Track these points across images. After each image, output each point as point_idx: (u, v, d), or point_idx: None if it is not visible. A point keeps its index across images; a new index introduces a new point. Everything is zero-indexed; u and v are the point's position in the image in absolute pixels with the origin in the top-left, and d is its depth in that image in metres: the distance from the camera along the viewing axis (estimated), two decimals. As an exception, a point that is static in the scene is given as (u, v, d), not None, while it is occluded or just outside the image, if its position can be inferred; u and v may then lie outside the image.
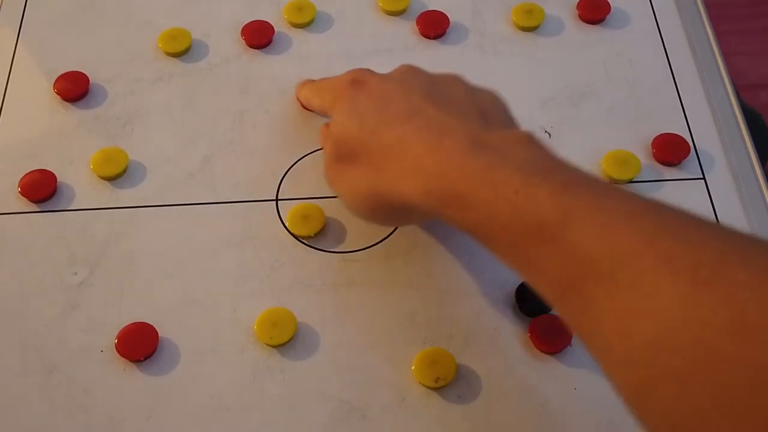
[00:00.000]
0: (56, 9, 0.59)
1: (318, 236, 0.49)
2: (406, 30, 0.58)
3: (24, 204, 0.50)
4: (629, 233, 0.31)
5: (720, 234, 0.31)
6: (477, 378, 0.44)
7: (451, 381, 0.43)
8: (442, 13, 0.58)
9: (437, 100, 0.41)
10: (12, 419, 0.43)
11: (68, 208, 0.50)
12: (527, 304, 0.45)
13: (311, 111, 0.52)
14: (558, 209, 0.33)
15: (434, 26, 0.57)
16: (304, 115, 0.54)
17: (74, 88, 0.54)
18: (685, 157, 0.51)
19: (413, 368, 0.44)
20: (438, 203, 0.37)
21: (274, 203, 0.50)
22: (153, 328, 0.45)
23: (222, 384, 0.44)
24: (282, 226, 0.49)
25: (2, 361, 0.44)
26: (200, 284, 0.47)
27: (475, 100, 0.42)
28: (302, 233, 0.48)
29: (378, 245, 0.48)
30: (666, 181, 0.51)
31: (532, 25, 0.58)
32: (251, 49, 0.57)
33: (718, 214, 0.49)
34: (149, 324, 0.45)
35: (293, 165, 0.52)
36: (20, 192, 0.50)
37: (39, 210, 0.50)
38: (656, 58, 0.56)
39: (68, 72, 0.55)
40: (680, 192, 0.50)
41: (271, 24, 0.57)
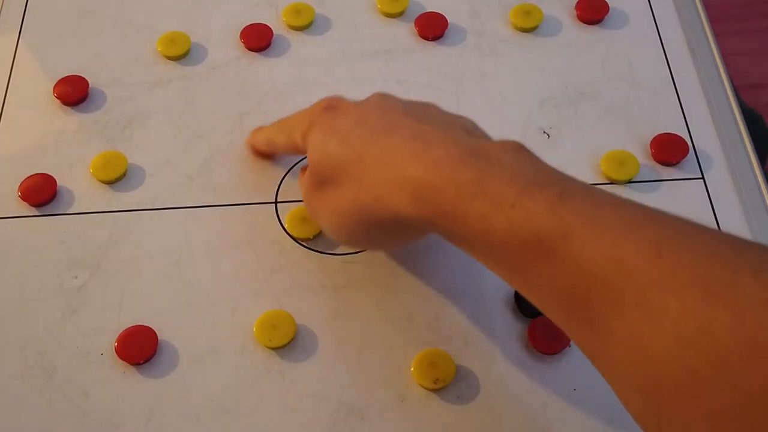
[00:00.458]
0: (56, 13, 0.59)
1: (317, 238, 0.49)
2: (405, 31, 0.58)
3: (24, 208, 0.50)
4: (633, 245, 0.30)
5: (726, 243, 0.30)
6: (476, 379, 0.44)
7: (451, 382, 0.43)
8: (441, 15, 0.58)
9: (418, 117, 0.40)
10: (12, 422, 0.43)
11: (68, 212, 0.50)
12: (526, 305, 0.45)
13: (266, 156, 0.51)
14: (557, 221, 0.32)
15: (433, 28, 0.57)
16: (303, 118, 0.54)
17: (74, 92, 0.54)
18: (684, 157, 0.51)
19: (412, 369, 0.44)
20: (429, 213, 0.36)
21: (274, 206, 0.50)
22: (153, 331, 0.45)
23: (221, 386, 0.44)
24: (281, 229, 0.49)
25: (2, 365, 0.44)
26: (200, 287, 0.47)
27: (455, 119, 0.41)
28: (301, 235, 0.49)
29: (377, 247, 0.48)
30: (665, 181, 0.51)
31: (531, 26, 0.58)
32: (250, 52, 0.57)
33: (717, 214, 0.49)
34: (149, 327, 0.45)
35: (292, 168, 0.52)
36: (20, 196, 0.50)
37: (39, 214, 0.50)
38: (655, 58, 0.56)
39: (68, 76, 0.55)
40: (679, 192, 0.50)
41: (270, 27, 0.57)
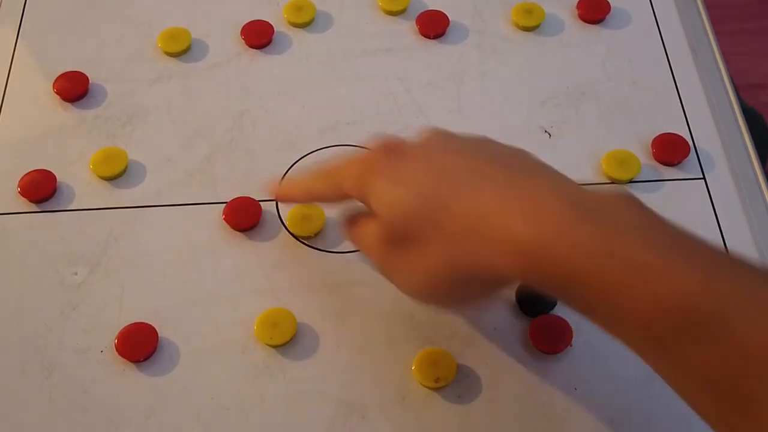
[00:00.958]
0: (56, 9, 0.59)
1: (318, 236, 0.48)
2: (406, 29, 0.58)
3: (24, 204, 0.50)
4: None
5: None
6: (477, 378, 0.44)
7: (451, 381, 0.43)
8: (442, 13, 0.58)
9: (496, 159, 0.36)
10: (12, 419, 0.43)
11: (68, 208, 0.50)
12: (527, 304, 0.45)
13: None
14: (712, 299, 0.29)
15: (434, 26, 0.57)
16: (305, 115, 0.54)
17: (74, 88, 0.54)
18: (685, 157, 0.51)
19: (413, 368, 0.44)
20: (541, 276, 0.33)
21: (275, 203, 0.50)
22: (153, 329, 0.45)
23: (222, 384, 0.44)
24: (282, 227, 0.49)
25: (2, 362, 0.44)
26: (200, 284, 0.47)
27: (526, 156, 0.37)
28: (302, 233, 0.48)
29: (378, 245, 0.48)
30: (666, 181, 0.51)
31: (532, 25, 0.57)
32: (251, 49, 0.57)
33: (718, 214, 0.49)
34: (149, 324, 0.45)
35: (293, 165, 0.52)
36: (20, 192, 0.50)
37: (39, 210, 0.50)
38: (656, 58, 0.56)
39: (68, 72, 0.55)
40: (680, 192, 0.50)
41: (271, 24, 0.57)
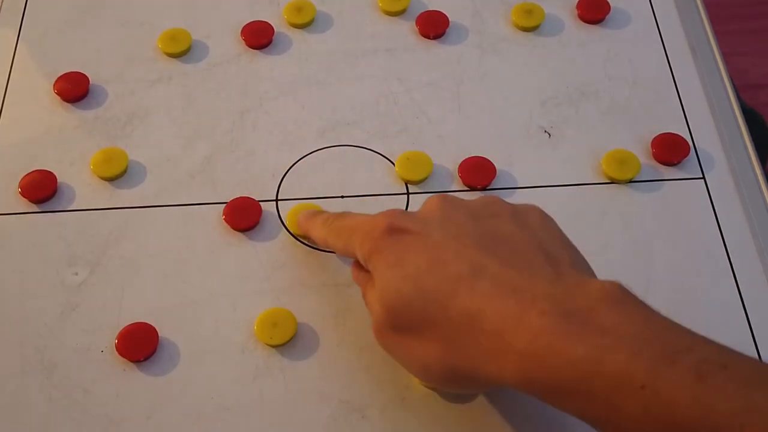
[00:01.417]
0: (56, 10, 0.59)
1: (318, 236, 0.49)
2: (406, 30, 0.58)
3: (24, 204, 0.50)
4: None
5: None
6: (477, 378, 0.44)
7: (451, 381, 0.43)
8: (442, 13, 0.58)
9: (495, 249, 0.36)
10: (12, 419, 0.43)
11: (68, 209, 0.50)
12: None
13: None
14: (702, 410, 0.29)
15: (434, 26, 0.57)
16: (305, 116, 0.54)
17: (74, 89, 0.54)
18: (685, 157, 0.51)
19: (413, 368, 0.44)
20: (539, 390, 0.34)
21: (274, 203, 0.50)
22: (153, 329, 0.45)
23: (222, 384, 0.44)
24: (282, 226, 0.49)
25: (2, 361, 0.44)
26: (200, 284, 0.47)
27: (530, 233, 0.38)
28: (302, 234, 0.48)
29: (378, 245, 0.48)
30: (666, 181, 0.51)
31: (532, 25, 0.58)
32: (251, 50, 0.57)
33: (718, 214, 0.49)
34: (149, 324, 0.45)
35: (293, 165, 0.52)
36: (20, 192, 0.50)
37: (39, 210, 0.50)
38: (656, 58, 0.56)
39: (68, 72, 0.55)
40: (680, 192, 0.50)
41: (271, 24, 0.57)
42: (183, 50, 0.56)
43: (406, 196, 0.50)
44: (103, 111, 0.54)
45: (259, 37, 0.57)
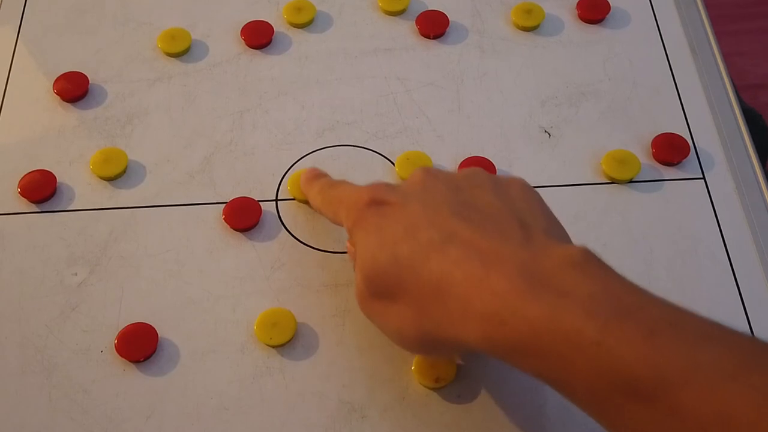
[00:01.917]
0: (56, 9, 0.59)
1: (318, 236, 0.48)
2: (406, 30, 0.58)
3: (24, 204, 0.50)
4: (739, 397, 0.28)
5: None
6: (477, 378, 0.44)
7: (451, 381, 0.43)
8: (442, 13, 0.58)
9: (469, 216, 0.37)
10: (12, 419, 0.42)
11: (68, 209, 0.50)
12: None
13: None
14: (650, 367, 0.30)
15: (434, 26, 0.57)
16: (304, 115, 0.54)
17: (74, 89, 0.54)
18: (685, 157, 0.51)
19: (413, 368, 0.43)
20: (499, 347, 0.34)
21: (274, 203, 0.50)
22: (153, 329, 0.45)
23: (222, 384, 0.44)
24: (282, 227, 0.49)
25: (2, 361, 0.44)
26: (200, 285, 0.47)
27: (508, 203, 0.38)
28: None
29: (378, 245, 0.48)
30: (666, 181, 0.51)
31: (532, 25, 0.58)
32: (251, 49, 0.57)
33: (718, 214, 0.49)
34: (149, 324, 0.45)
35: (293, 165, 0.52)
36: (20, 192, 0.50)
37: (39, 210, 0.50)
38: (656, 58, 0.56)
39: (68, 72, 0.55)
40: (680, 192, 0.50)
41: (271, 24, 0.57)
42: (183, 50, 0.56)
43: (406, 196, 0.50)
44: (103, 111, 0.54)
45: (259, 37, 0.57)
